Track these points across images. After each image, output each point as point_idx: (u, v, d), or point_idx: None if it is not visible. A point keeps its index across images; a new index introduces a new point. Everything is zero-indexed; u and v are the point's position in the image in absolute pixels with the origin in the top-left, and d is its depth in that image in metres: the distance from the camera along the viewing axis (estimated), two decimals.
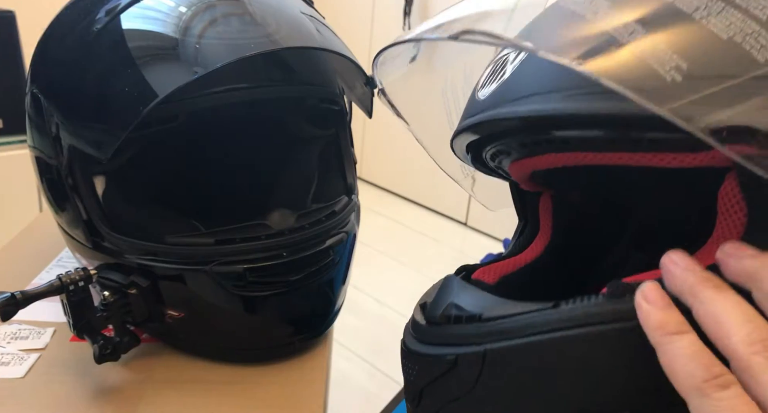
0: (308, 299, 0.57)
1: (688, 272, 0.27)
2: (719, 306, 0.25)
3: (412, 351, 0.35)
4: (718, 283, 0.26)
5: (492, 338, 0.30)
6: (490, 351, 0.30)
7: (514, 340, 0.29)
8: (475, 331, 0.31)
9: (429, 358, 0.33)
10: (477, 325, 0.31)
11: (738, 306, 0.25)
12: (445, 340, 0.33)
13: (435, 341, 0.34)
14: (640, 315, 0.26)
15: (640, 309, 0.26)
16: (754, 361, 0.23)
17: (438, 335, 0.34)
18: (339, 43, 0.55)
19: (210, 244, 0.52)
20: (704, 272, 0.27)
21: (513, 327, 0.30)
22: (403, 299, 1.88)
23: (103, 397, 0.51)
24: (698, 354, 0.24)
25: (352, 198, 0.63)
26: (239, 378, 0.55)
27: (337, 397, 1.45)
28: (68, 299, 0.49)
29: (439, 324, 0.34)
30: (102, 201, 0.53)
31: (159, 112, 0.48)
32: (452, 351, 0.32)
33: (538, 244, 0.43)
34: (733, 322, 0.24)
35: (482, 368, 0.30)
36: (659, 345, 0.25)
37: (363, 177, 2.80)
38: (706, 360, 0.24)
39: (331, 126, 0.64)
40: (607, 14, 0.27)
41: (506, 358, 0.30)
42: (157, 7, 0.50)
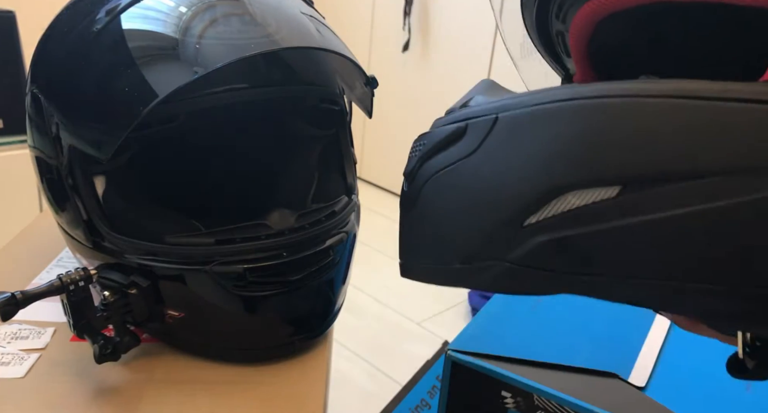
0: (308, 299, 0.57)
1: None
2: None
3: (423, 133, 0.35)
4: None
5: (506, 109, 0.30)
6: (502, 118, 0.30)
7: (528, 108, 0.29)
8: (490, 105, 0.31)
9: (438, 131, 0.33)
10: (492, 102, 0.31)
11: None
12: (458, 118, 0.33)
13: (447, 121, 0.33)
14: None
15: None
16: None
17: (451, 117, 0.33)
18: (339, 43, 0.55)
19: (210, 244, 0.52)
20: None
21: (530, 99, 0.29)
22: (403, 299, 1.88)
23: (103, 397, 0.51)
24: None
25: (352, 198, 0.63)
26: (239, 378, 0.55)
27: (337, 397, 1.45)
28: (68, 299, 0.49)
29: (456, 110, 0.34)
30: (102, 201, 0.53)
31: (159, 112, 0.48)
32: (464, 122, 0.32)
33: None
34: None
35: (490, 131, 0.30)
36: None
37: (363, 177, 2.80)
38: None
39: (331, 126, 0.65)
40: None
41: (516, 122, 0.29)
42: (157, 7, 0.50)
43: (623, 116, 0.26)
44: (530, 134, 0.29)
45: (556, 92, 0.29)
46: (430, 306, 1.86)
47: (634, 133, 0.26)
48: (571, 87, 0.28)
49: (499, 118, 0.30)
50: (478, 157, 0.31)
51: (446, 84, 2.43)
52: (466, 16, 2.30)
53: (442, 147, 0.33)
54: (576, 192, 0.27)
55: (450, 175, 0.32)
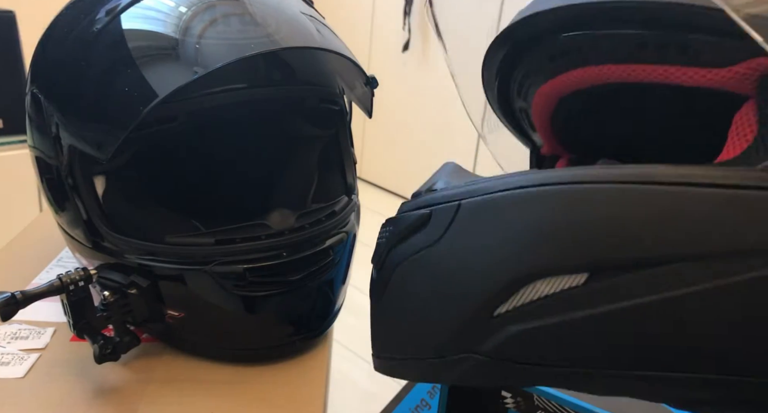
0: (308, 299, 0.57)
1: None
2: None
3: (389, 218, 0.35)
4: None
5: (468, 195, 0.30)
6: (465, 205, 0.30)
7: (489, 195, 0.29)
8: (453, 192, 0.31)
9: (403, 217, 0.33)
10: (456, 187, 0.31)
11: None
12: (423, 204, 0.32)
13: (412, 207, 0.33)
14: None
15: None
16: None
17: (416, 202, 0.33)
18: (339, 43, 0.55)
19: (210, 244, 0.52)
20: None
21: (491, 186, 0.29)
22: None
23: (103, 397, 0.51)
24: None
25: (352, 198, 0.63)
26: (239, 378, 0.55)
27: (337, 397, 1.45)
28: (68, 299, 0.49)
29: (420, 195, 0.34)
30: (102, 201, 0.53)
31: (159, 112, 0.48)
32: (428, 209, 0.32)
33: None
34: None
35: (454, 218, 0.30)
36: None
37: (363, 177, 2.80)
38: None
39: (331, 126, 0.65)
40: None
41: (479, 209, 0.29)
42: (157, 7, 0.50)
43: (587, 202, 0.26)
44: (494, 221, 0.28)
45: (518, 179, 0.28)
46: None
47: (598, 219, 0.26)
48: (533, 173, 0.28)
49: (461, 205, 0.30)
50: (443, 244, 0.30)
51: (446, 84, 2.43)
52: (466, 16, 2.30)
53: (408, 234, 0.32)
54: (544, 280, 0.27)
55: (417, 263, 0.32)
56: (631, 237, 0.25)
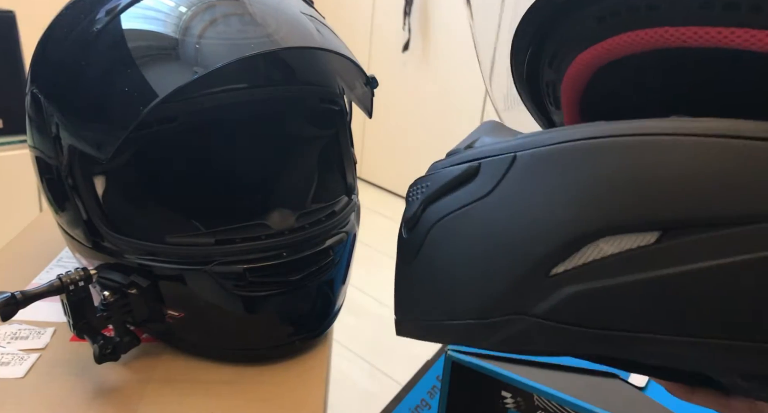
0: (308, 299, 0.57)
1: None
2: None
3: (421, 177, 0.32)
4: None
5: (524, 147, 0.27)
6: (521, 156, 0.27)
7: (551, 146, 0.26)
8: (506, 144, 0.28)
9: (444, 171, 0.30)
10: (507, 141, 0.28)
11: None
12: (468, 157, 0.30)
13: (448, 164, 0.31)
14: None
15: None
16: None
17: (459, 157, 0.30)
18: (339, 43, 0.55)
19: (210, 244, 0.52)
20: None
21: (552, 137, 0.26)
22: None
23: (103, 397, 0.51)
24: None
25: (352, 198, 0.63)
26: (239, 378, 0.55)
27: (337, 397, 1.45)
28: (68, 299, 0.49)
29: (460, 152, 0.31)
30: (102, 201, 0.53)
31: (159, 112, 0.48)
32: (476, 162, 0.29)
33: None
34: None
35: (507, 171, 0.27)
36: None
37: (363, 177, 2.80)
38: None
39: (331, 126, 0.64)
40: None
41: (538, 161, 0.27)
42: (157, 7, 0.50)
43: (663, 155, 0.24)
44: (555, 175, 0.26)
45: (583, 130, 0.26)
46: None
47: (675, 174, 0.24)
48: (597, 124, 0.26)
49: (517, 156, 0.27)
50: (494, 199, 0.28)
51: (446, 84, 2.43)
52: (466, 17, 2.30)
53: (450, 189, 0.30)
54: (609, 238, 0.25)
55: (460, 220, 0.29)
56: (711, 193, 0.23)
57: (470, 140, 0.32)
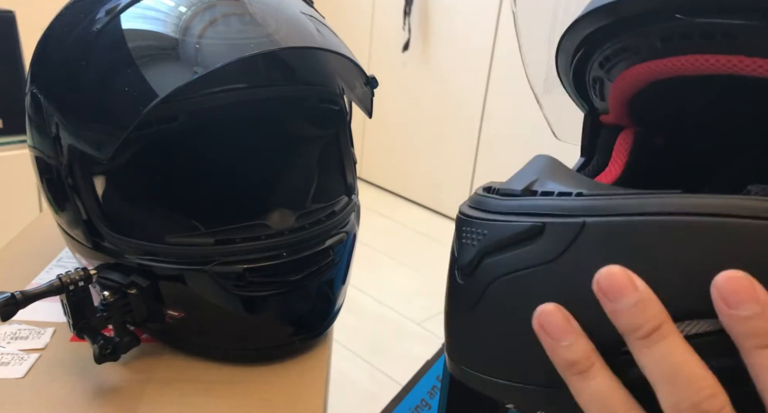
0: (308, 299, 0.57)
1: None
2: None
3: (479, 218, 0.30)
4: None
5: (594, 212, 0.26)
6: (590, 224, 0.26)
7: (625, 217, 0.25)
8: (572, 203, 0.27)
9: (504, 224, 0.28)
10: (574, 199, 0.27)
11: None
12: (530, 210, 0.28)
13: (510, 211, 0.29)
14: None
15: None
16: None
17: (518, 206, 0.28)
18: (339, 43, 0.55)
19: (210, 244, 0.52)
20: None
21: (626, 205, 0.25)
22: (403, 299, 1.88)
23: (103, 397, 0.51)
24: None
25: (352, 198, 0.63)
26: (239, 378, 0.55)
27: (337, 397, 1.45)
28: (68, 299, 0.49)
29: (519, 195, 0.29)
30: (102, 201, 0.53)
31: (159, 112, 0.48)
32: (540, 220, 0.27)
33: (610, 174, 0.38)
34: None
35: (576, 238, 0.26)
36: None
37: (363, 177, 2.80)
38: None
39: (331, 126, 0.64)
40: None
41: (610, 232, 0.25)
42: (157, 7, 0.50)
43: (760, 241, 0.23)
44: (632, 250, 0.25)
45: (658, 201, 0.25)
46: (430, 306, 1.86)
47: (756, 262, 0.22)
48: (679, 197, 0.25)
49: (586, 224, 0.26)
50: (562, 266, 0.27)
51: (446, 84, 2.43)
52: (466, 16, 2.30)
53: (511, 244, 0.28)
54: (687, 322, 0.24)
55: (525, 281, 0.28)
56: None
57: (527, 179, 0.30)
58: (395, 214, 2.50)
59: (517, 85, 2.21)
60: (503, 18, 2.20)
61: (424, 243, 2.31)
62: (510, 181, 0.31)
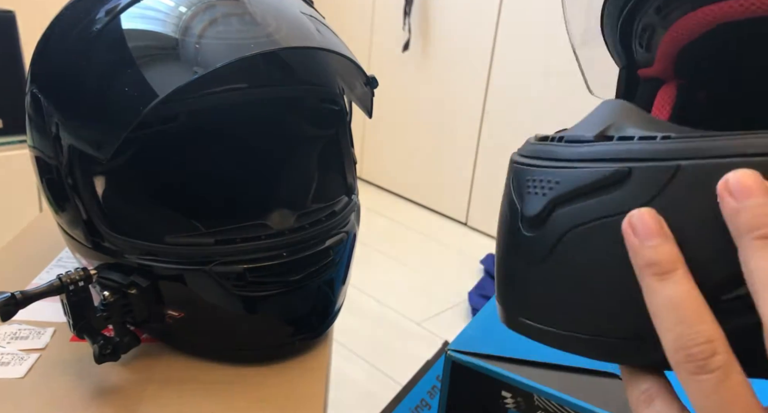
0: (308, 299, 0.57)
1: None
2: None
3: (543, 166, 0.28)
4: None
5: (689, 155, 0.24)
6: (686, 167, 0.24)
7: (726, 159, 0.23)
8: (664, 146, 0.25)
9: (585, 170, 0.26)
10: (662, 142, 0.25)
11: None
12: (605, 156, 0.26)
13: (586, 157, 0.26)
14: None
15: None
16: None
17: (595, 152, 0.26)
18: (339, 43, 0.55)
19: (210, 244, 0.52)
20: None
21: (726, 146, 0.23)
22: (403, 299, 1.88)
23: (103, 397, 0.51)
24: None
25: (352, 198, 0.63)
26: (239, 378, 0.55)
27: (337, 397, 1.45)
28: (68, 299, 0.49)
29: (593, 141, 0.27)
30: (102, 201, 0.53)
31: (159, 112, 0.48)
32: (625, 165, 0.25)
33: None
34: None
35: (669, 182, 0.24)
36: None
37: (363, 177, 2.80)
38: None
39: (331, 126, 0.65)
40: None
41: (709, 174, 0.23)
42: (157, 7, 0.50)
43: None
44: None
45: (759, 141, 0.23)
46: (430, 306, 1.86)
47: None
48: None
49: (681, 167, 0.24)
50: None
51: (446, 84, 2.43)
52: (466, 16, 2.30)
53: (590, 191, 0.26)
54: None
55: (607, 231, 0.26)
56: None
57: (599, 125, 0.28)
58: (395, 214, 2.50)
59: (517, 85, 2.21)
60: (503, 18, 2.20)
61: (424, 243, 2.31)
62: (576, 128, 0.29)
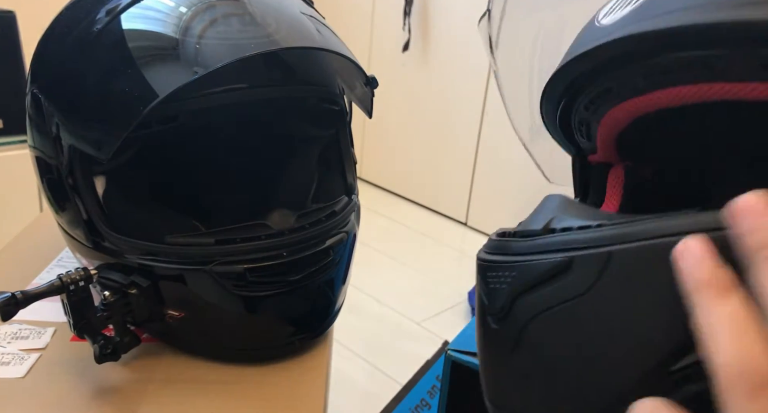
0: (308, 299, 0.57)
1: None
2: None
3: (505, 261, 0.30)
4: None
5: (618, 240, 0.26)
6: (616, 253, 0.26)
7: (650, 241, 0.25)
8: (595, 235, 0.27)
9: (534, 263, 0.29)
10: (596, 230, 0.27)
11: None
12: (555, 247, 0.28)
13: (535, 250, 0.29)
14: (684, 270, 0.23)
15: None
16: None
17: (542, 245, 0.29)
18: (339, 43, 0.55)
19: (210, 244, 0.52)
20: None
21: (646, 229, 0.26)
22: (403, 299, 1.88)
23: (104, 397, 0.51)
24: None
25: (352, 198, 0.63)
26: (239, 378, 0.55)
27: (337, 397, 1.45)
28: (69, 299, 0.49)
29: (541, 234, 0.30)
30: (102, 201, 0.53)
31: (159, 112, 0.48)
32: (566, 255, 0.28)
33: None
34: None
35: (603, 271, 0.26)
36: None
37: (363, 177, 2.80)
38: None
39: (331, 126, 0.65)
40: None
41: (638, 258, 0.26)
42: (157, 7, 0.50)
43: None
44: (660, 273, 0.25)
45: (682, 222, 0.25)
46: (430, 306, 1.86)
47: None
48: (698, 214, 0.25)
49: (612, 254, 0.26)
50: (596, 297, 0.27)
51: (446, 84, 2.43)
52: (466, 17, 2.30)
53: (541, 282, 0.28)
54: None
55: (560, 318, 0.28)
56: None
57: (544, 218, 0.31)
58: (395, 214, 2.50)
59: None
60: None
61: (424, 243, 2.31)
62: (526, 223, 0.32)
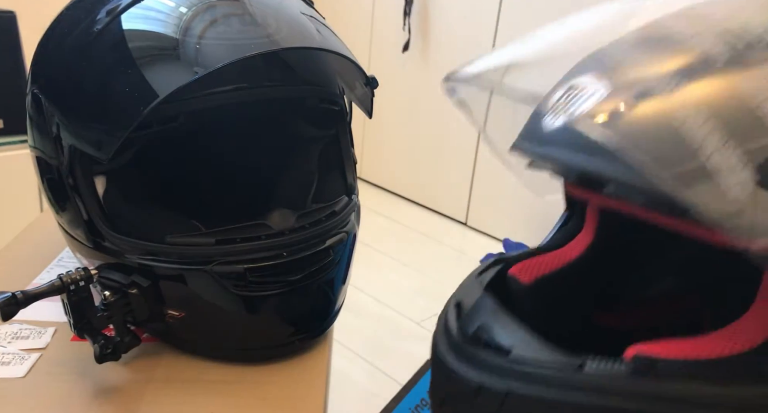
0: (308, 299, 0.57)
1: None
2: None
3: (442, 361, 0.36)
4: None
5: (515, 378, 0.32)
6: (511, 395, 0.32)
7: (535, 390, 0.32)
8: (501, 365, 0.33)
9: (456, 376, 0.35)
10: (504, 360, 0.33)
11: None
12: (473, 361, 0.35)
13: (463, 357, 0.35)
14: None
15: None
16: None
17: (467, 354, 0.35)
18: (339, 43, 0.55)
19: (210, 244, 0.53)
20: None
21: (537, 376, 0.32)
22: (403, 299, 1.88)
23: (104, 397, 0.51)
24: None
25: (352, 198, 0.63)
26: (239, 378, 0.55)
27: (337, 397, 1.45)
28: (69, 299, 0.49)
29: (470, 343, 0.36)
30: (103, 201, 0.53)
31: (159, 112, 0.48)
32: (477, 378, 0.34)
33: (581, 242, 0.43)
34: None
35: (500, 408, 0.32)
36: None
37: (363, 177, 2.80)
38: None
39: (331, 126, 0.65)
40: None
41: (525, 406, 0.32)
42: (157, 7, 0.50)
43: None
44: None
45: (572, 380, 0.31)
46: (430, 306, 1.86)
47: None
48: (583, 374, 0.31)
49: (510, 392, 0.32)
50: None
51: None
52: (466, 17, 2.30)
53: (471, 399, 0.34)
54: None
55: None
56: None
57: (478, 321, 0.37)
58: (395, 214, 2.50)
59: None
60: (503, 18, 2.20)
61: (424, 243, 2.31)
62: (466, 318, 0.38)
